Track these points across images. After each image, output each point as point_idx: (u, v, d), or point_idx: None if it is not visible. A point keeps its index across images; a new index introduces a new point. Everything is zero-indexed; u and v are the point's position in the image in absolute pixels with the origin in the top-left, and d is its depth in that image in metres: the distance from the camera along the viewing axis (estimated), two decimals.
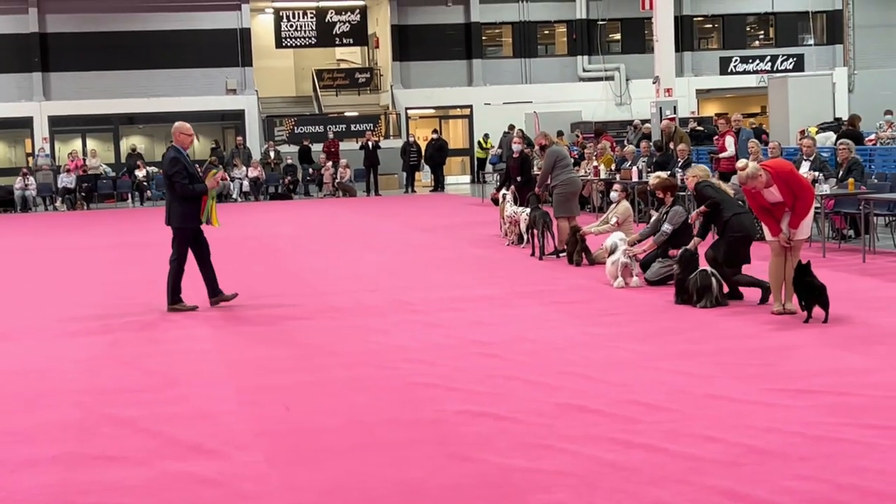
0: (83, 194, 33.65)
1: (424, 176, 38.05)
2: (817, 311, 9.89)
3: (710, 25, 43.52)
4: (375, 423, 7.03)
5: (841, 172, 16.12)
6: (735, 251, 11.33)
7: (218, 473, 6.10)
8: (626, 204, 15.36)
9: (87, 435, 7.02)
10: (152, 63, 38.65)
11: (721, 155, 20.38)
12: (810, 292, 9.85)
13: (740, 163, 10.62)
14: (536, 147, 18.43)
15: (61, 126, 38.66)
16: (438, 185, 36.27)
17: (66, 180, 33.61)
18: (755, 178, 10.11)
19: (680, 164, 20.26)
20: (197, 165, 13.32)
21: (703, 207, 11.60)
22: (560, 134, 33.86)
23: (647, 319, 10.50)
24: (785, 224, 10.23)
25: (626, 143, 28.02)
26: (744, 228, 11.40)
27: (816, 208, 15.89)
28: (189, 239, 11.93)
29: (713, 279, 11.01)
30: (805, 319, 9.88)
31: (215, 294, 12.14)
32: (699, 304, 10.95)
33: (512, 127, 35.79)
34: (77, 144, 38.61)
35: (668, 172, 18.72)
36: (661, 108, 27.57)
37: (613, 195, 15.53)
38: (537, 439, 6.49)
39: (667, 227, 12.46)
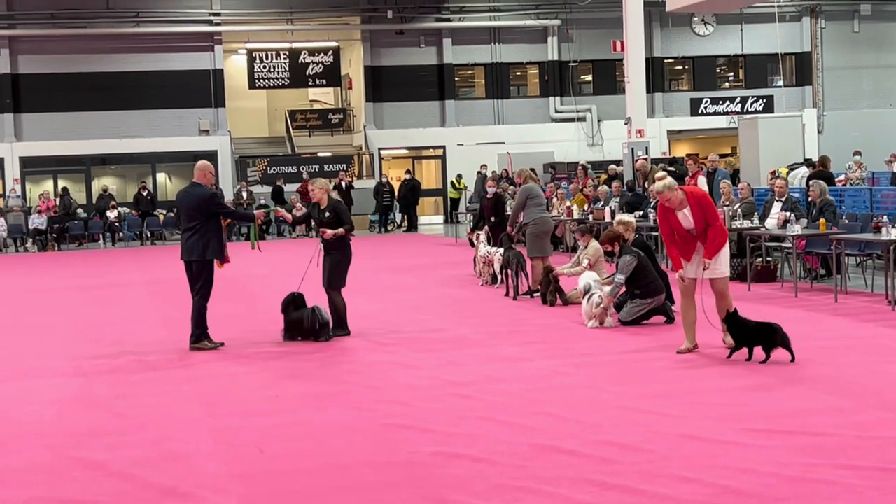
0: (54, 235, 33.44)
1: (397, 216, 38.07)
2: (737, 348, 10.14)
3: (681, 67, 43.88)
4: (350, 465, 6.99)
5: (814, 212, 16.25)
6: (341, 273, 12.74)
7: None
8: (595, 244, 15.34)
9: (57, 479, 6.94)
10: (125, 104, 38.55)
11: None
12: (768, 334, 9.84)
13: (659, 174, 10.68)
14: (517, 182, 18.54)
15: (33, 167, 38.47)
16: (411, 225, 36.29)
17: (38, 221, 33.41)
18: (672, 189, 10.19)
19: (652, 204, 20.33)
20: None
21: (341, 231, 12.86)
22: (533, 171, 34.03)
23: (621, 360, 10.50)
24: (694, 265, 10.27)
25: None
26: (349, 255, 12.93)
27: (788, 249, 16.08)
28: (213, 273, 11.87)
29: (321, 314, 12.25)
30: (764, 360, 9.85)
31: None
32: (322, 338, 12.12)
33: (484, 166, 35.94)
34: (49, 185, 38.42)
35: (640, 213, 18.86)
36: (632, 149, 27.71)
37: (581, 243, 15.44)
38: (513, 481, 6.46)
39: (619, 278, 12.49)
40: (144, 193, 35.40)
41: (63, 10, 37.86)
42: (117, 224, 34.37)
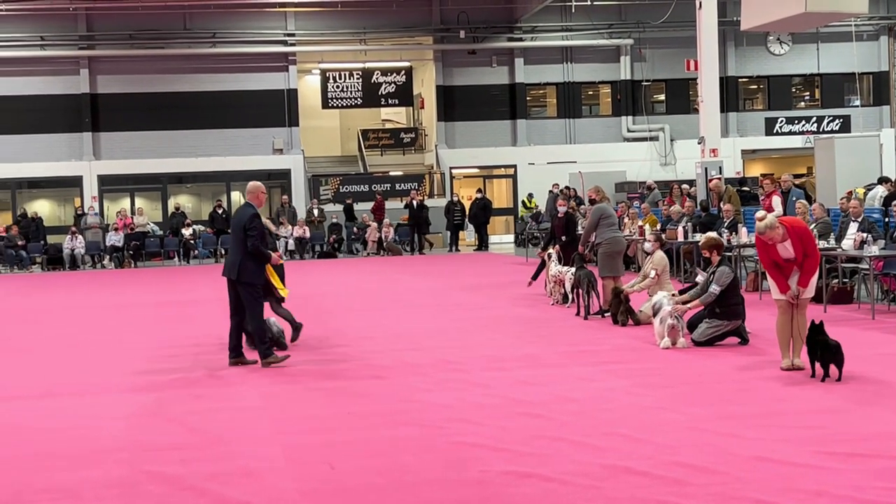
0: (130, 252, 33.95)
1: (468, 235, 38.14)
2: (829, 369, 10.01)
3: (756, 86, 43.48)
4: (421, 482, 7.00)
5: (892, 233, 15.99)
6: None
7: None
8: (660, 253, 15.28)
9: (132, 492, 7.03)
10: (200, 123, 39.19)
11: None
12: (825, 351, 9.90)
13: (759, 213, 10.74)
14: (587, 200, 18.67)
15: (110, 185, 39.19)
16: (482, 244, 36.33)
17: (114, 238, 33.96)
18: (773, 228, 10.37)
19: (726, 224, 20.16)
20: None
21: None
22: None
23: (693, 381, 10.40)
24: (794, 282, 10.45)
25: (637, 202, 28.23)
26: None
27: (865, 270, 15.84)
28: (262, 294, 12.07)
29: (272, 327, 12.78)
30: (822, 378, 9.93)
31: (238, 355, 12.21)
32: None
33: (556, 185, 35.92)
34: (125, 203, 39.09)
35: (714, 233, 18.67)
36: (706, 169, 27.50)
37: (647, 245, 15.49)
38: (584, 501, 6.43)
39: (714, 289, 12.33)
40: (219, 212, 35.80)
41: (141, 30, 38.59)
42: (192, 242, 34.81)
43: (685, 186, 29.32)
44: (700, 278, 13.47)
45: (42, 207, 38.72)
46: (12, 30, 38.00)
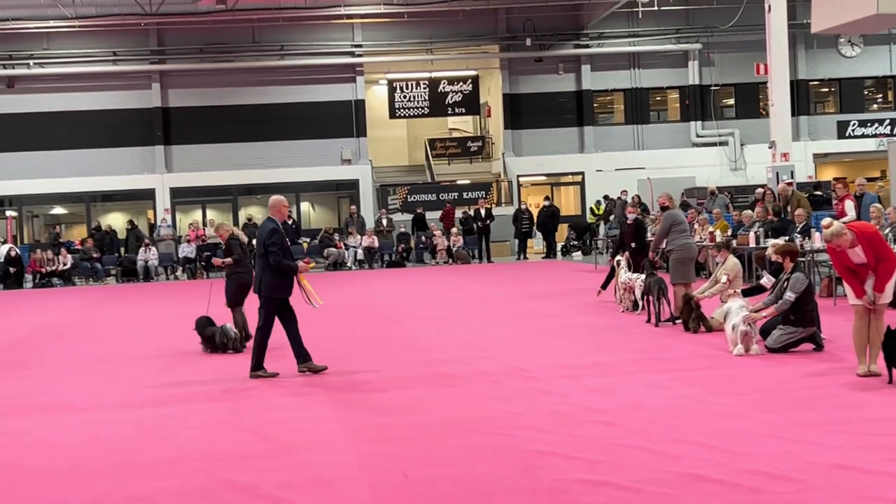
0: (203, 263, 34.35)
1: (536, 243, 38.07)
2: None
3: (827, 89, 42.93)
4: (494, 491, 7.00)
5: None
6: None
7: None
8: (733, 259, 15.15)
9: (208, 501, 7.12)
10: (270, 135, 39.59)
11: (841, 220, 19.98)
12: None
13: (825, 221, 10.71)
14: (658, 207, 18.63)
15: (182, 197, 39.72)
16: (550, 251, 36.25)
17: (187, 250, 34.40)
18: (839, 235, 10.31)
19: (798, 228, 19.92)
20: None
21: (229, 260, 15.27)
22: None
23: (768, 387, 10.29)
24: (870, 287, 10.38)
25: (705, 210, 27.84)
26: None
27: None
28: (276, 309, 12.18)
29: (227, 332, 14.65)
30: (889, 381, 9.90)
31: (305, 360, 12.33)
32: (230, 351, 14.49)
33: (625, 192, 35.75)
34: (197, 215, 39.57)
35: (787, 238, 18.48)
36: (777, 173, 27.20)
37: (718, 259, 15.37)
38: None
39: (789, 296, 12.16)
40: (289, 222, 36.08)
41: (211, 44, 39.10)
42: None
43: (768, 190, 28.91)
44: (765, 281, 13.35)
45: (116, 220, 39.34)
46: (86, 45, 38.72)
